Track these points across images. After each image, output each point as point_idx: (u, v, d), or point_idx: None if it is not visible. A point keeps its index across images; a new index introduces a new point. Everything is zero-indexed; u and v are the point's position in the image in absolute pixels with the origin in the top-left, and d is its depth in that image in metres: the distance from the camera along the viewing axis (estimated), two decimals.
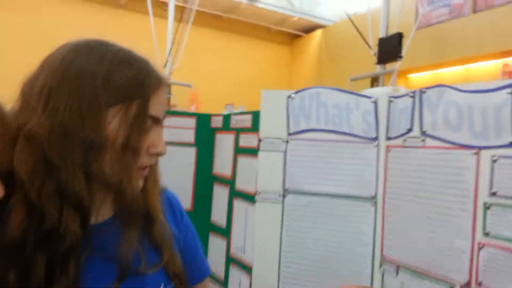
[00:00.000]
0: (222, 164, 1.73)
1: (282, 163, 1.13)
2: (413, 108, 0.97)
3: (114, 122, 0.53)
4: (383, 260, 1.01)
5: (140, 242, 0.60)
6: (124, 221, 0.58)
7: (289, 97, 1.13)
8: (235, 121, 1.71)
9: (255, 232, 1.15)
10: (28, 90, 0.53)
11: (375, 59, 4.18)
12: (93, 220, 0.56)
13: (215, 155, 1.78)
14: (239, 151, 1.69)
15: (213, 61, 6.92)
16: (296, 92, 1.12)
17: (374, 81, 4.55)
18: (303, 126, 1.11)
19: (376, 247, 1.02)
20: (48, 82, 0.52)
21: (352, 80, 5.02)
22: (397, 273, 0.97)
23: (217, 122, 1.78)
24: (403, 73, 5.11)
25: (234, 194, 1.69)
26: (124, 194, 0.55)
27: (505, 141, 0.78)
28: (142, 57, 0.58)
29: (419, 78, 5.34)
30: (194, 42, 5.77)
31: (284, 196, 1.12)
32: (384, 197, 1.02)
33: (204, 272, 0.77)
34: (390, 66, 4.07)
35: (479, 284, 0.79)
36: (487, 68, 4.50)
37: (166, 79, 0.59)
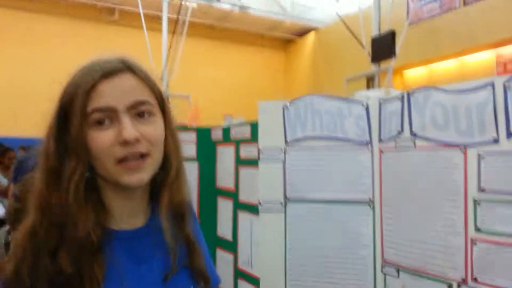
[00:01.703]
0: (224, 177, 1.76)
1: (281, 172, 1.15)
2: (402, 110, 1.00)
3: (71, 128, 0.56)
4: (384, 262, 1.03)
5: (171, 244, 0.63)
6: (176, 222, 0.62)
7: (285, 106, 1.16)
8: (235, 133, 1.73)
9: (260, 243, 1.18)
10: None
11: (369, 58, 4.21)
12: (125, 227, 0.59)
13: (217, 168, 1.80)
14: (240, 162, 1.71)
15: (209, 70, 6.98)
16: (291, 102, 1.15)
17: (370, 80, 4.61)
18: (299, 134, 1.14)
19: (377, 249, 1.05)
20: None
21: (348, 80, 5.06)
22: (398, 274, 0.99)
23: (217, 135, 1.81)
24: (398, 70, 5.14)
25: (238, 206, 1.70)
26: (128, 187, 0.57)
27: (489, 137, 0.81)
28: (100, 60, 0.59)
29: (414, 74, 5.37)
30: (189, 53, 5.83)
31: (285, 205, 1.15)
32: (381, 200, 1.05)
33: (216, 279, 0.79)
34: (384, 64, 4.11)
35: (475, 279, 0.82)
36: (481, 60, 4.52)
37: (118, 66, 0.57)
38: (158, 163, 0.59)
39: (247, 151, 1.66)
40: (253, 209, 1.59)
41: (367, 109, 1.09)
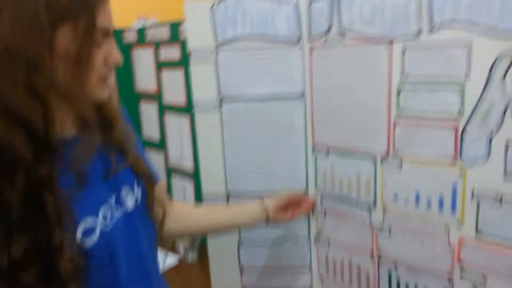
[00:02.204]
0: (144, 81, 1.70)
1: (214, 73, 1.17)
2: (332, 7, 1.05)
3: (65, 40, 0.57)
4: (314, 147, 1.17)
5: (105, 147, 0.70)
6: (84, 130, 0.65)
7: (213, 7, 1.13)
8: (152, 34, 1.65)
9: (199, 142, 1.23)
10: None
11: None
12: (60, 137, 0.62)
13: (135, 72, 1.73)
14: (161, 65, 1.67)
15: None
16: (220, 2, 1.13)
17: None
18: (230, 35, 1.14)
19: (308, 137, 1.17)
20: None
21: None
22: (328, 155, 1.14)
23: (130, 37, 1.69)
24: None
25: (164, 108, 1.71)
26: (78, 104, 0.61)
27: (413, 30, 0.92)
28: None
29: None
30: None
31: (220, 104, 1.19)
32: (311, 93, 1.14)
33: (157, 176, 0.86)
34: None
35: (396, 152, 0.99)
36: None
37: None
38: None
39: (168, 53, 1.62)
40: (180, 110, 1.62)
41: (296, 7, 1.12)
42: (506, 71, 0.80)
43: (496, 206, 0.85)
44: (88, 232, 0.63)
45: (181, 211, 1.01)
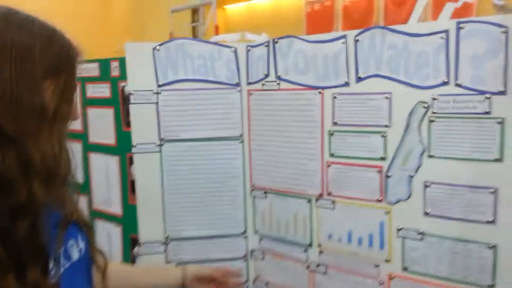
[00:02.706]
0: None
1: (155, 114, 1.18)
2: (268, 56, 1.13)
3: (47, 94, 0.58)
4: (252, 188, 1.20)
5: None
6: (60, 185, 0.63)
7: (154, 49, 1.16)
8: (79, 70, 1.63)
9: (137, 183, 1.21)
10: None
11: None
12: None
13: None
14: (88, 102, 1.64)
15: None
16: (161, 44, 1.16)
17: (195, 12, 4.98)
18: (171, 77, 1.17)
19: (246, 178, 1.20)
20: None
21: (173, 11, 5.10)
22: (266, 196, 1.18)
23: None
24: (220, 4, 5.29)
25: (89, 148, 1.66)
26: (60, 164, 0.60)
27: (342, 81, 1.01)
28: (58, 29, 0.62)
29: (235, 9, 5.56)
30: None
31: (161, 145, 1.19)
32: (249, 135, 1.18)
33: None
34: None
35: (329, 193, 1.05)
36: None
37: (80, 49, 0.65)
38: None
39: (96, 91, 1.61)
40: (107, 149, 1.58)
41: (235, 53, 1.18)
42: (421, 119, 0.90)
43: (418, 242, 0.92)
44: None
45: (121, 270, 1.00)
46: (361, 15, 3.99)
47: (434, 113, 0.89)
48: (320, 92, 1.05)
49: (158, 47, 1.16)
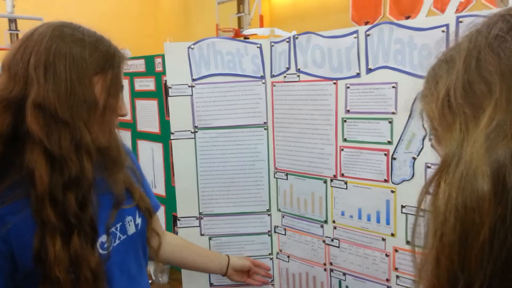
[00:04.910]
0: None
1: (190, 105, 1.33)
2: (289, 50, 1.24)
3: (97, 88, 0.70)
4: (276, 170, 1.33)
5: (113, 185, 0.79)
6: (111, 168, 0.76)
7: (189, 47, 1.31)
8: (128, 66, 1.82)
9: (175, 166, 1.37)
10: (16, 65, 0.65)
11: None
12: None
13: None
14: (136, 95, 1.83)
15: None
16: (195, 43, 1.31)
17: (240, 3, 5.18)
18: (204, 72, 1.32)
19: (270, 161, 1.33)
20: (42, 57, 0.65)
21: (219, 3, 5.26)
22: (287, 177, 1.30)
23: None
24: None
25: (137, 135, 1.85)
26: (110, 148, 0.72)
27: (354, 73, 1.11)
28: (104, 36, 0.74)
29: (280, 1, 5.62)
30: None
31: (195, 132, 1.35)
32: (273, 123, 1.31)
33: (156, 206, 0.99)
34: None
35: (342, 175, 1.16)
36: None
37: (123, 52, 0.76)
38: None
39: (142, 84, 1.79)
40: (152, 137, 1.77)
41: (260, 49, 1.31)
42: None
43: (420, 218, 1.01)
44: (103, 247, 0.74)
45: (176, 243, 1.15)
46: (409, 0, 3.92)
47: None
48: (334, 83, 1.15)
49: (192, 46, 1.31)
